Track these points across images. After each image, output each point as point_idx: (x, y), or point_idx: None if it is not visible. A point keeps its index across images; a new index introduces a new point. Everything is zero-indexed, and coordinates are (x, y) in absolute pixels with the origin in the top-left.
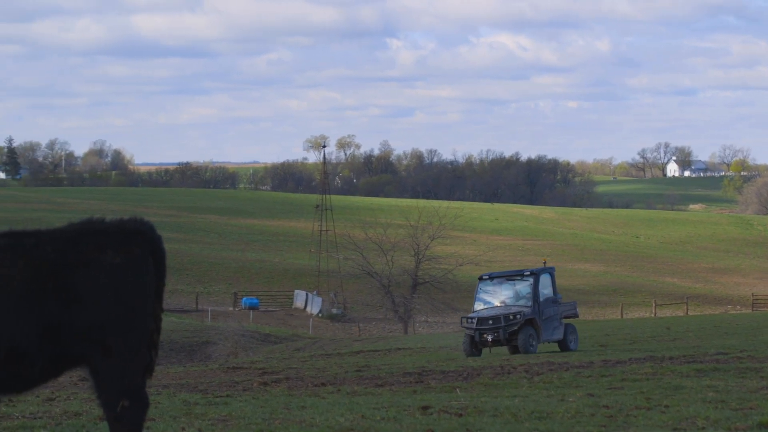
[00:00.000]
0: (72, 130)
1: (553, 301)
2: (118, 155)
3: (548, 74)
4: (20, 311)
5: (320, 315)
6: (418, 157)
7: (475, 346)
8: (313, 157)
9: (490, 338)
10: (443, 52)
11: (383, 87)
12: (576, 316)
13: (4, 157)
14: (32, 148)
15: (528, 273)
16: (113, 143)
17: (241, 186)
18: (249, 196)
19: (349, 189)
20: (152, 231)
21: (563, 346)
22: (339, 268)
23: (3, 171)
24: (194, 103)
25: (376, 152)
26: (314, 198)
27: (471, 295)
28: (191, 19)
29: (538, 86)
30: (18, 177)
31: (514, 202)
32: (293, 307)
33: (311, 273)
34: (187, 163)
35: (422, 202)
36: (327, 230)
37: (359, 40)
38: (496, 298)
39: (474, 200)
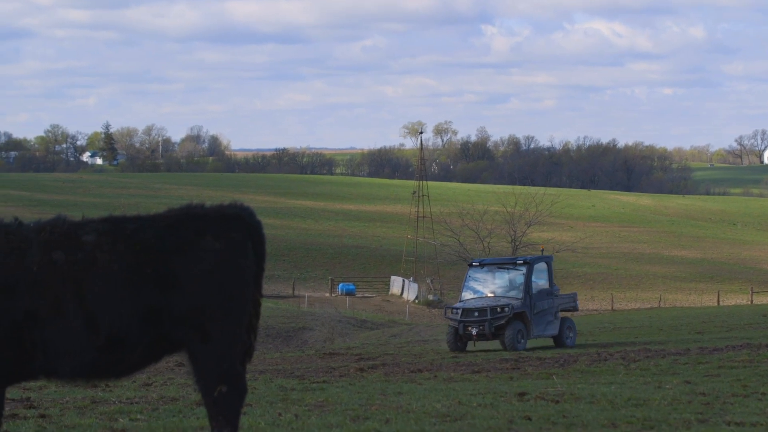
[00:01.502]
0: (168, 115)
1: (548, 293)
2: (215, 141)
3: (643, 61)
4: (120, 296)
5: (417, 301)
6: (515, 143)
7: (460, 340)
8: (409, 144)
9: (474, 332)
10: (538, 39)
11: (478, 73)
12: (575, 309)
13: (102, 143)
14: (129, 133)
15: (521, 261)
16: (210, 129)
17: (338, 172)
18: (346, 182)
19: (446, 175)
20: (251, 216)
21: (559, 342)
22: (436, 254)
23: (100, 157)
24: (290, 89)
25: (473, 138)
26: (411, 184)
27: (567, 281)
28: (285, 5)
29: (634, 73)
30: (115, 163)
31: (611, 188)
32: (390, 293)
33: (408, 259)
34: (284, 149)
35: (519, 189)
36: (424, 216)
37: (454, 27)
38: (485, 287)
39: (571, 187)
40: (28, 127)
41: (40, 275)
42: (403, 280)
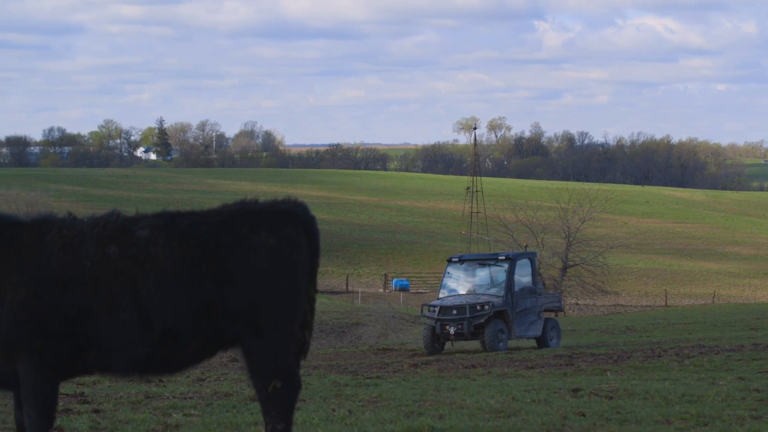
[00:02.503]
0: (221, 111)
1: (532, 291)
2: (268, 136)
3: (696, 57)
4: (174, 292)
5: None
6: (568, 139)
7: (437, 340)
8: (463, 139)
9: (452, 331)
10: (590, 35)
11: (531, 69)
12: (560, 309)
13: (155, 138)
14: (183, 129)
15: (503, 257)
16: (264, 124)
17: (392, 167)
18: (400, 178)
19: (500, 171)
20: (306, 211)
21: (542, 344)
22: (489, 249)
23: (154, 152)
24: (343, 84)
25: (527, 134)
26: (465, 180)
27: (621, 277)
28: (338, 1)
29: (686, 69)
30: (169, 158)
31: (665, 184)
32: None
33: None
34: (338, 145)
35: (572, 185)
36: (477, 212)
37: (506, 23)
38: (465, 284)
39: (624, 183)
40: (82, 123)
41: (93, 270)
42: None
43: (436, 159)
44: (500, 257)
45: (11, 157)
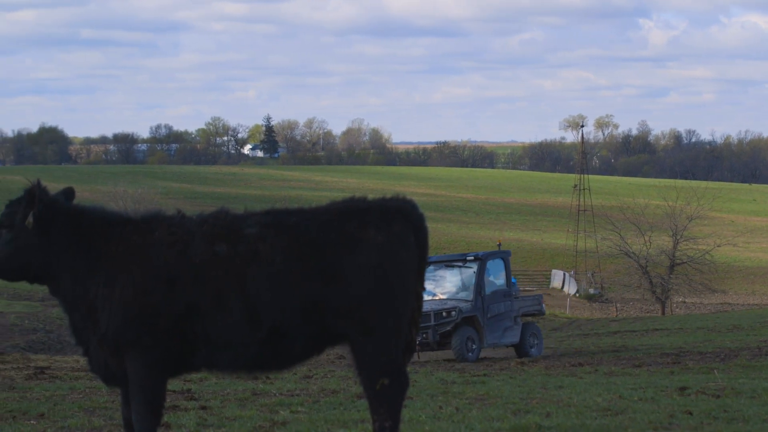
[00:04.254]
0: (327, 108)
1: (506, 294)
2: (375, 134)
3: None
4: (283, 289)
5: (578, 295)
6: (675, 137)
7: None
8: (570, 137)
9: (417, 340)
10: (695, 32)
11: (636, 67)
12: (541, 313)
13: (263, 136)
14: (290, 126)
15: (472, 258)
16: (371, 122)
17: (499, 165)
18: (507, 176)
19: (607, 169)
20: (415, 209)
21: (520, 352)
22: (596, 247)
23: (261, 149)
24: (448, 82)
25: (634, 132)
26: (572, 177)
27: (728, 275)
28: None
29: None
30: (276, 155)
31: None
32: (550, 286)
33: (569, 253)
34: (445, 142)
35: (680, 183)
36: (585, 210)
37: (611, 20)
38: (432, 288)
39: (732, 181)
40: (188, 120)
41: (202, 268)
42: (564, 274)
43: (543, 156)
44: (468, 258)
45: (119, 154)
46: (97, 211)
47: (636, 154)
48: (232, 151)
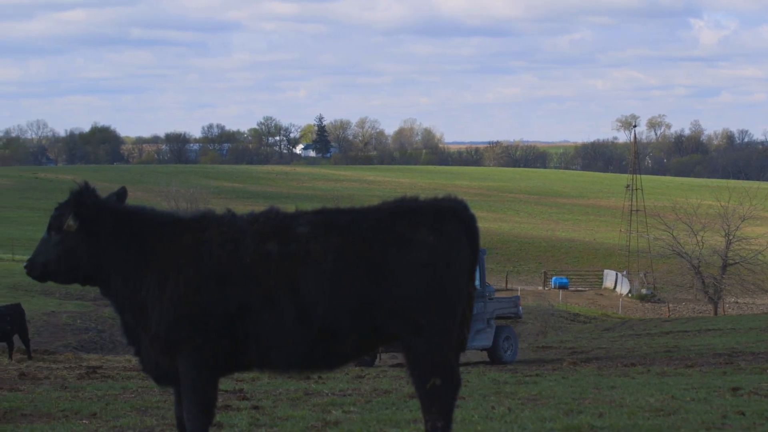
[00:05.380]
0: (377, 108)
1: (479, 295)
2: (428, 133)
3: None
4: (333, 289)
5: (630, 295)
6: (728, 137)
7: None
8: (622, 137)
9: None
10: (745, 32)
11: (687, 67)
12: (517, 316)
13: (315, 135)
14: (342, 126)
15: None
16: (423, 122)
17: (551, 165)
18: (559, 176)
19: (659, 169)
20: (466, 209)
21: (494, 357)
22: (649, 248)
23: (313, 149)
24: (499, 82)
25: (686, 132)
26: (624, 177)
27: None
28: None
29: None
30: (328, 155)
31: None
32: (603, 286)
33: (621, 253)
34: (497, 142)
35: (732, 183)
36: (637, 210)
37: (660, 20)
38: None
39: None
40: (239, 120)
41: (253, 267)
42: (617, 274)
43: (596, 156)
44: None
45: (171, 153)
46: (147, 211)
47: (688, 154)
48: (284, 151)
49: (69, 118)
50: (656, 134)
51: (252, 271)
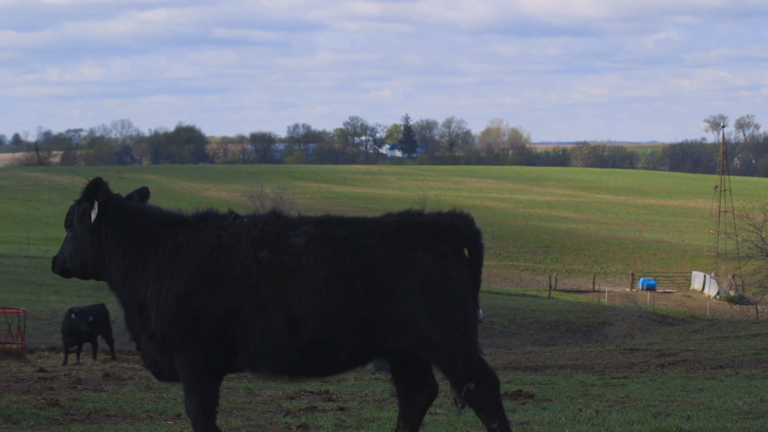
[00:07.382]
0: (462, 108)
1: None
2: (515, 134)
3: None
4: (325, 303)
5: (718, 297)
6: None
7: None
8: (710, 138)
9: None
10: None
11: None
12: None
13: (401, 135)
14: (428, 126)
15: None
16: (510, 122)
17: (639, 166)
18: (647, 176)
19: (748, 170)
20: (469, 226)
21: None
22: (737, 249)
23: (399, 149)
24: (584, 82)
25: None
26: (713, 178)
27: None
28: None
29: None
30: (414, 155)
31: None
32: (691, 288)
33: (709, 254)
34: (584, 143)
35: None
36: (726, 211)
37: (745, 20)
38: None
39: None
40: (323, 119)
41: (243, 272)
42: (705, 276)
43: (684, 157)
44: None
45: (256, 153)
46: (152, 210)
47: None
48: (370, 151)
49: (152, 118)
50: (744, 135)
51: (242, 277)
